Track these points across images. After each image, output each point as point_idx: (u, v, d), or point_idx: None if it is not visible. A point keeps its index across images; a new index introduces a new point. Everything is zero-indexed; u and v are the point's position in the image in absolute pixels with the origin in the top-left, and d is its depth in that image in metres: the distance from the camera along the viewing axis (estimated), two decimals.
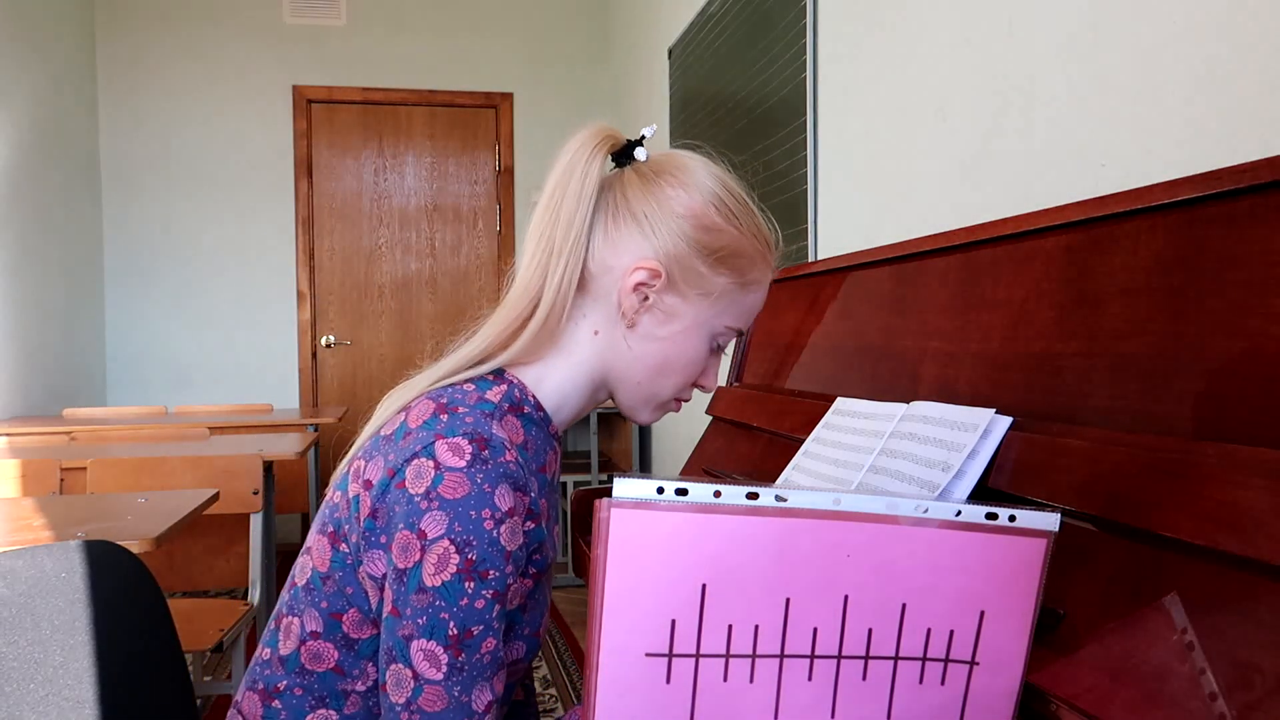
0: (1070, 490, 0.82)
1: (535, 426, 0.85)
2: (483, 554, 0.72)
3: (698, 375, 0.88)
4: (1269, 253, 0.73)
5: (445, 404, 0.79)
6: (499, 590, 0.74)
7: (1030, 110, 1.47)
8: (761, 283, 0.88)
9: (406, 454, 0.75)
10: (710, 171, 0.87)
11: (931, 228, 1.46)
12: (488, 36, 4.81)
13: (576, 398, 0.88)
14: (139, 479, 2.30)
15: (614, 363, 0.87)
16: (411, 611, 0.73)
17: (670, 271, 0.83)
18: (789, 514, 0.60)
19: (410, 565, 0.73)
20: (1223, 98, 1.12)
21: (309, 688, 0.81)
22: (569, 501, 1.82)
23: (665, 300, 0.84)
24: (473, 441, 0.75)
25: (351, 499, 0.79)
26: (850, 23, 2.12)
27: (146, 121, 4.50)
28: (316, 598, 0.81)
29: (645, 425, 0.90)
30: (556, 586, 4.05)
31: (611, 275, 0.84)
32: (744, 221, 0.86)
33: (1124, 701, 0.67)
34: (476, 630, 0.73)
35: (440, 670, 0.73)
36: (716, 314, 0.85)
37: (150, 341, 4.55)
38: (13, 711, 0.85)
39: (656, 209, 0.83)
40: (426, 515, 0.73)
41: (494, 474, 0.74)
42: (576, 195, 0.83)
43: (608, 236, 0.84)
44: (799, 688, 0.63)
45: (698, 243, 0.83)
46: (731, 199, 0.85)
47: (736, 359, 1.83)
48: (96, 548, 0.96)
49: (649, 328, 0.85)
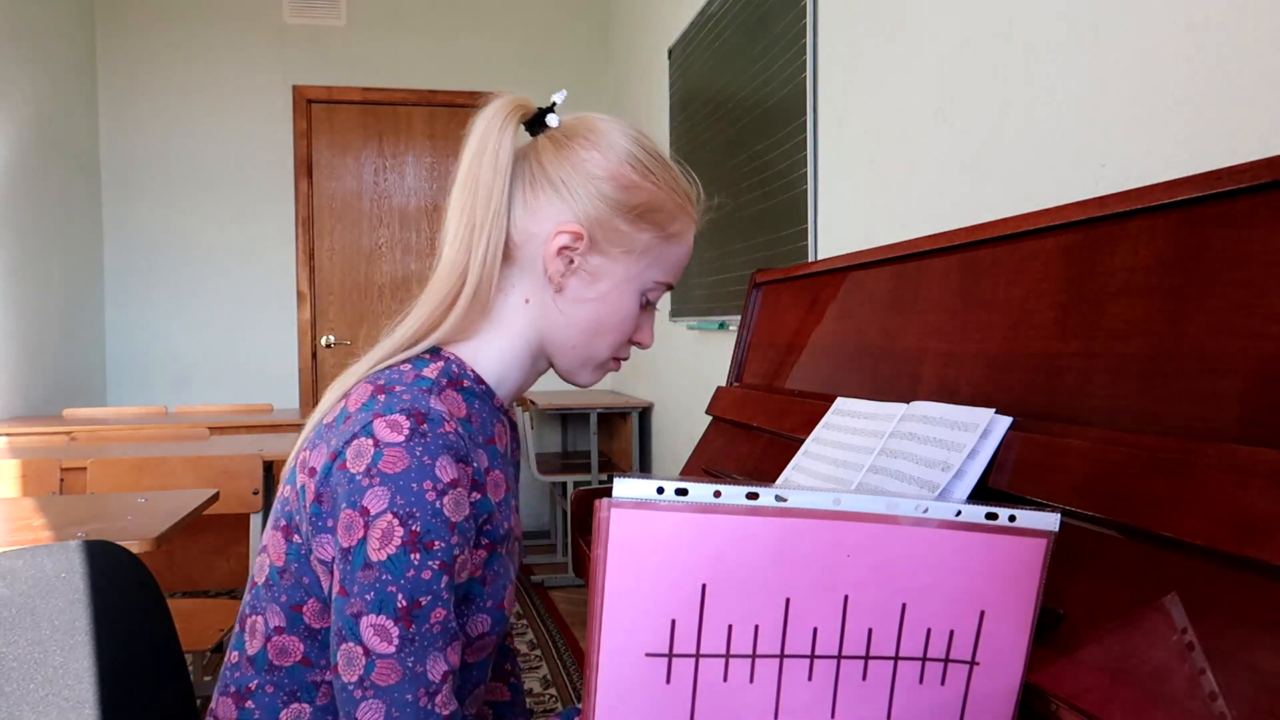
0: (1070, 490, 0.82)
1: (478, 399, 0.86)
2: (426, 525, 0.73)
3: (632, 332, 0.90)
4: (1269, 253, 0.73)
5: (382, 385, 0.80)
6: (445, 561, 0.74)
7: (1030, 110, 1.47)
8: (684, 235, 0.89)
9: (346, 436, 0.76)
10: (623, 131, 0.87)
11: (931, 228, 1.46)
12: (488, 36, 4.81)
13: (517, 368, 0.89)
14: (139, 479, 2.30)
15: (548, 329, 0.88)
16: (359, 588, 0.73)
17: (592, 233, 0.84)
18: (789, 514, 0.60)
19: (354, 543, 0.73)
20: (1223, 98, 1.12)
21: (279, 684, 0.82)
22: (569, 501, 1.82)
23: (590, 261, 0.85)
24: (410, 417, 0.75)
25: (299, 489, 0.80)
26: (850, 23, 2.12)
27: (146, 121, 4.50)
28: (276, 593, 0.81)
29: (586, 386, 0.91)
30: (556, 587, 4.04)
31: (535, 242, 0.85)
32: (660, 176, 0.87)
33: (1124, 702, 0.67)
34: (425, 601, 0.73)
35: (391, 643, 0.72)
36: (643, 269, 0.87)
37: (150, 341, 4.55)
38: (13, 711, 0.85)
39: (572, 172, 0.84)
40: (368, 492, 0.73)
41: (433, 446, 0.75)
42: (492, 167, 0.84)
43: (527, 205, 0.85)
44: (799, 688, 0.63)
45: (616, 201, 0.84)
46: (646, 155, 0.87)
47: (737, 359, 1.83)
48: (96, 548, 0.96)
49: (577, 290, 0.86)
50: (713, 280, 3.12)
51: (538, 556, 4.56)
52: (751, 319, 1.83)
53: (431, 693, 0.73)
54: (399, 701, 0.72)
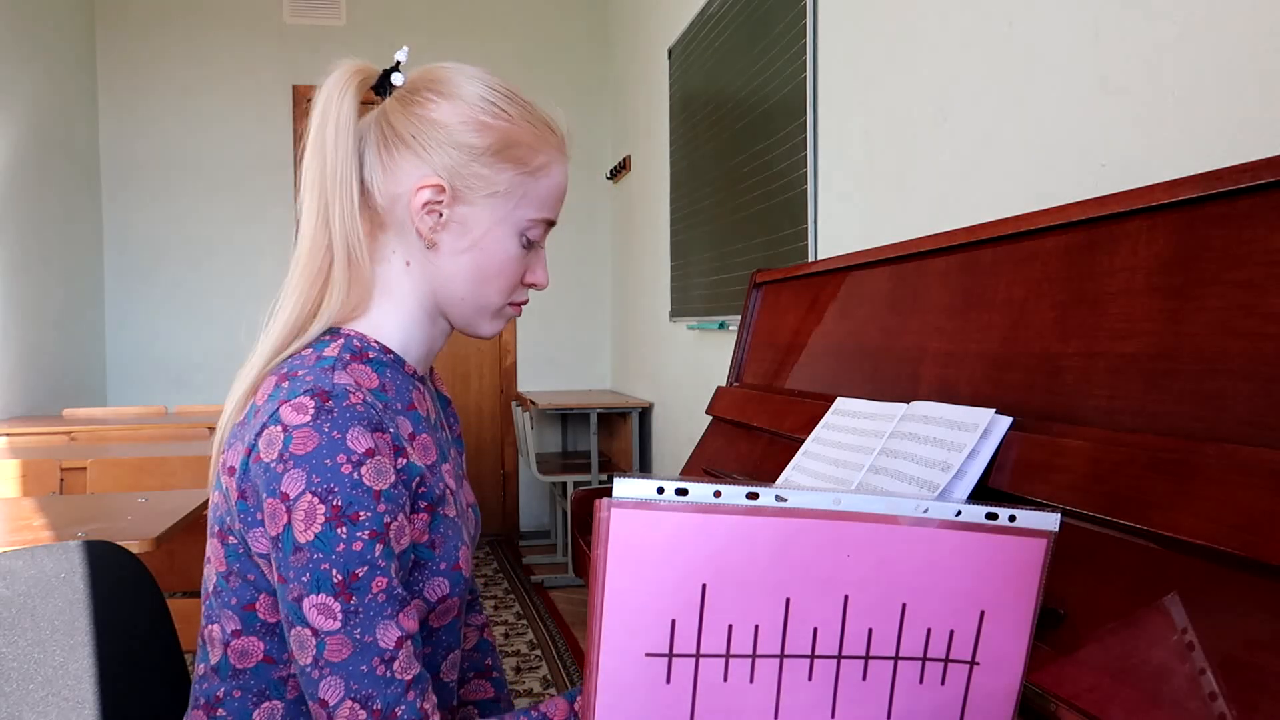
0: (1070, 490, 0.82)
1: (388, 368, 0.86)
2: (347, 498, 0.73)
3: (521, 275, 0.89)
4: (1269, 253, 0.73)
5: (285, 373, 0.80)
6: (376, 530, 0.74)
7: (1030, 110, 1.47)
8: (550, 166, 0.87)
9: (256, 428, 0.77)
10: (467, 74, 0.86)
11: (931, 228, 1.46)
12: (488, 36, 4.81)
13: (419, 332, 0.88)
14: (139, 479, 2.30)
15: (435, 287, 0.87)
16: (294, 573, 0.74)
17: (452, 183, 0.83)
18: (789, 514, 0.60)
19: (281, 530, 0.74)
20: (1223, 98, 1.12)
21: (246, 687, 0.82)
22: (569, 501, 1.82)
23: (458, 211, 0.84)
24: (314, 396, 0.76)
25: (225, 491, 0.81)
26: (850, 23, 2.12)
27: (146, 121, 4.51)
28: (226, 598, 0.82)
29: (490, 336, 0.90)
30: (556, 587, 4.04)
31: (400, 204, 0.84)
32: (513, 112, 0.85)
33: (1124, 701, 0.67)
34: (361, 572, 0.73)
35: (336, 619, 0.73)
36: (513, 209, 0.85)
37: (150, 341, 4.55)
38: (13, 711, 0.85)
39: (422, 127, 0.83)
40: (284, 477, 0.74)
41: (341, 420, 0.75)
42: (335, 137, 0.83)
43: (385, 168, 0.84)
44: (799, 688, 0.63)
45: (471, 147, 0.83)
46: (495, 94, 0.85)
47: (737, 359, 1.83)
48: (96, 548, 0.96)
49: (451, 243, 0.85)
50: (713, 280, 3.12)
51: (538, 556, 4.56)
52: (751, 319, 1.83)
53: (387, 660, 0.74)
54: (355, 674, 0.73)
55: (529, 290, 0.91)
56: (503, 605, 3.82)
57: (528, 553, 4.66)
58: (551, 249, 3.61)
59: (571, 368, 5.09)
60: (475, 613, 1.09)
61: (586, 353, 5.11)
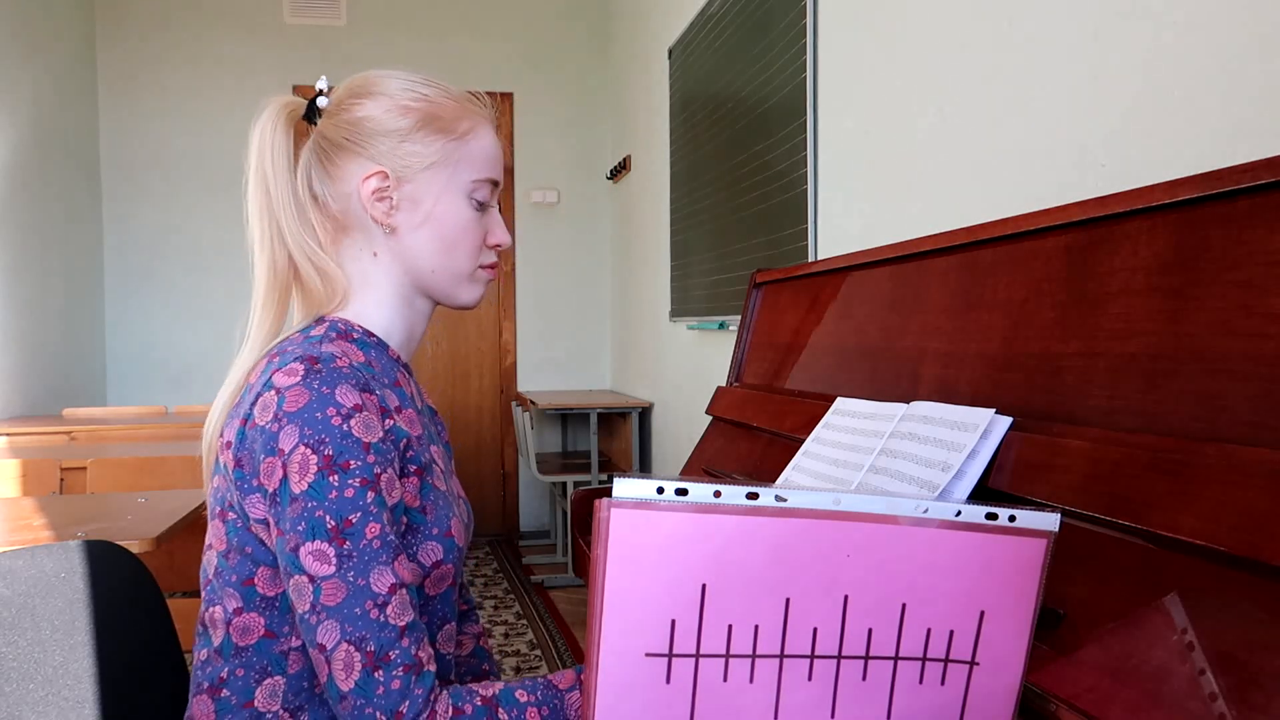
0: (1070, 490, 0.82)
1: (373, 349, 0.91)
2: (338, 447, 0.77)
3: (482, 237, 0.95)
4: (1269, 253, 0.73)
5: (275, 352, 0.86)
6: (366, 478, 0.78)
7: (1030, 110, 1.47)
8: (477, 129, 0.94)
9: (251, 399, 0.81)
10: (383, 74, 0.93)
11: (931, 228, 1.46)
12: (488, 36, 4.81)
13: (399, 317, 0.94)
14: (139, 479, 2.30)
15: (406, 267, 0.92)
16: (289, 523, 0.77)
17: (392, 167, 0.90)
18: (789, 514, 0.60)
19: (278, 484, 0.77)
20: (1223, 98, 1.12)
21: (249, 664, 0.84)
22: (569, 501, 1.82)
23: (404, 191, 0.90)
24: (303, 361, 0.81)
25: (223, 468, 0.84)
26: (850, 23, 2.12)
27: (146, 121, 4.50)
28: (226, 577, 0.84)
29: (470, 305, 0.96)
30: (556, 587, 4.05)
31: (353, 201, 0.91)
32: (430, 92, 0.92)
33: (1124, 702, 0.67)
34: (355, 518, 0.77)
35: (330, 564, 0.76)
36: (452, 173, 0.91)
37: (150, 341, 4.55)
38: (13, 711, 0.85)
39: (351, 128, 0.90)
40: (280, 435, 0.78)
41: (329, 377, 0.79)
42: (271, 161, 0.90)
43: (330, 176, 0.91)
44: (799, 688, 0.63)
45: (398, 130, 0.90)
46: (410, 82, 0.92)
47: (737, 359, 1.83)
48: (96, 548, 0.96)
49: (408, 221, 0.91)
50: (713, 280, 3.12)
51: (538, 556, 4.56)
52: (751, 319, 1.83)
53: (380, 604, 0.76)
54: (349, 616, 0.75)
55: (496, 252, 0.97)
56: (503, 605, 3.82)
57: (528, 553, 4.66)
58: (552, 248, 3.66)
59: (571, 368, 5.09)
60: (471, 622, 1.11)
61: (586, 353, 5.10)
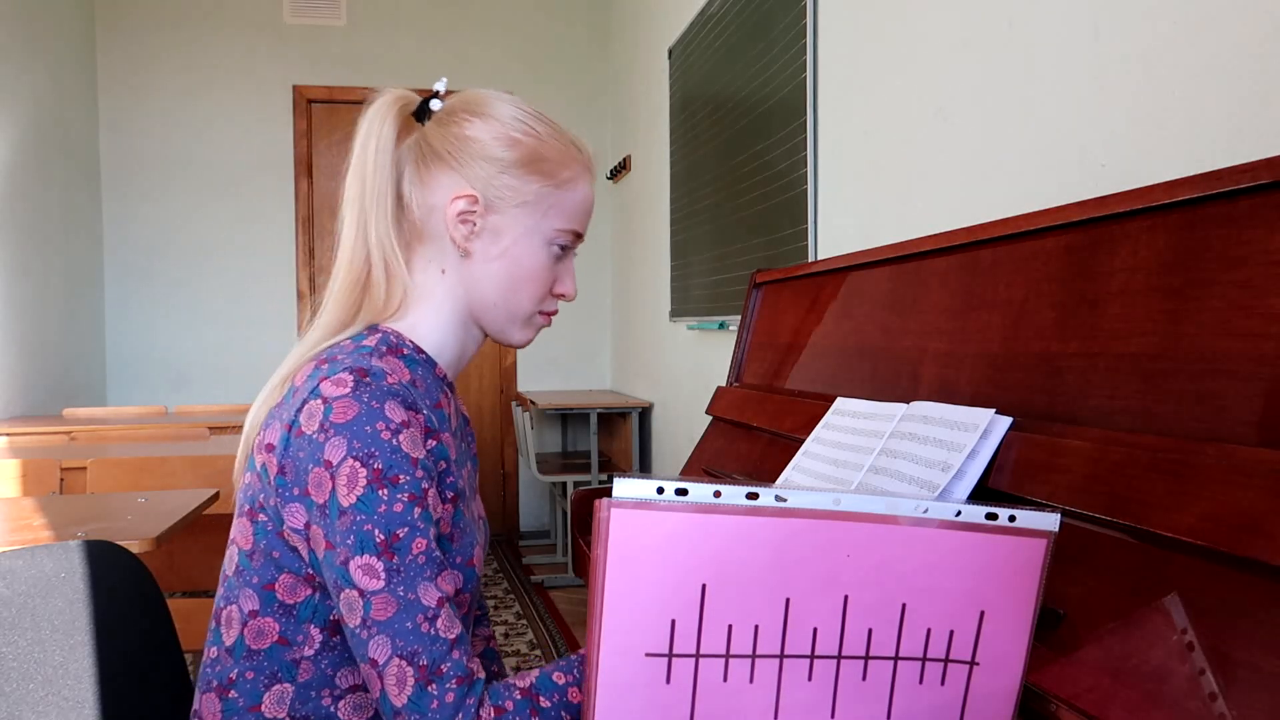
0: (1070, 490, 0.82)
1: (420, 367, 0.91)
2: (388, 461, 0.77)
3: (551, 284, 0.95)
4: (1269, 253, 0.73)
5: (325, 358, 0.85)
6: (414, 493, 0.78)
7: (1030, 110, 1.47)
8: (577, 181, 0.93)
9: (297, 405, 0.81)
10: (500, 97, 0.93)
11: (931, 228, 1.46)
12: (488, 36, 4.81)
13: (453, 338, 0.94)
14: (139, 479, 2.30)
15: (469, 293, 0.93)
16: (339, 537, 0.77)
17: (484, 194, 0.89)
18: (789, 514, 0.60)
19: (327, 496, 0.77)
20: (1223, 98, 1.12)
21: (259, 668, 0.83)
22: (569, 501, 1.82)
23: (490, 221, 0.90)
24: (353, 372, 0.80)
25: (260, 469, 0.83)
26: (850, 23, 2.12)
27: (146, 121, 4.50)
28: (247, 576, 0.84)
29: (520, 345, 0.95)
30: (556, 587, 4.05)
31: (437, 215, 0.90)
32: (541, 130, 0.92)
33: (1124, 702, 0.67)
34: (402, 532, 0.77)
35: (379, 579, 0.76)
36: (540, 218, 0.91)
37: (150, 341, 4.55)
38: (13, 711, 0.85)
39: (457, 143, 0.90)
40: (327, 445, 0.77)
41: (379, 392, 0.79)
42: (375, 156, 0.90)
43: (423, 183, 0.91)
44: (799, 688, 0.63)
45: (502, 160, 0.89)
46: (524, 114, 0.92)
47: (737, 359, 1.83)
48: (96, 548, 0.96)
49: (484, 250, 0.91)
50: (713, 280, 3.12)
51: (538, 556, 4.56)
52: (751, 319, 1.83)
53: (430, 617, 0.76)
54: (401, 631, 0.75)
55: (558, 301, 0.97)
56: (503, 605, 3.82)
57: (528, 553, 4.66)
58: None
59: (571, 368, 5.09)
60: (483, 625, 1.12)
61: (586, 353, 5.10)
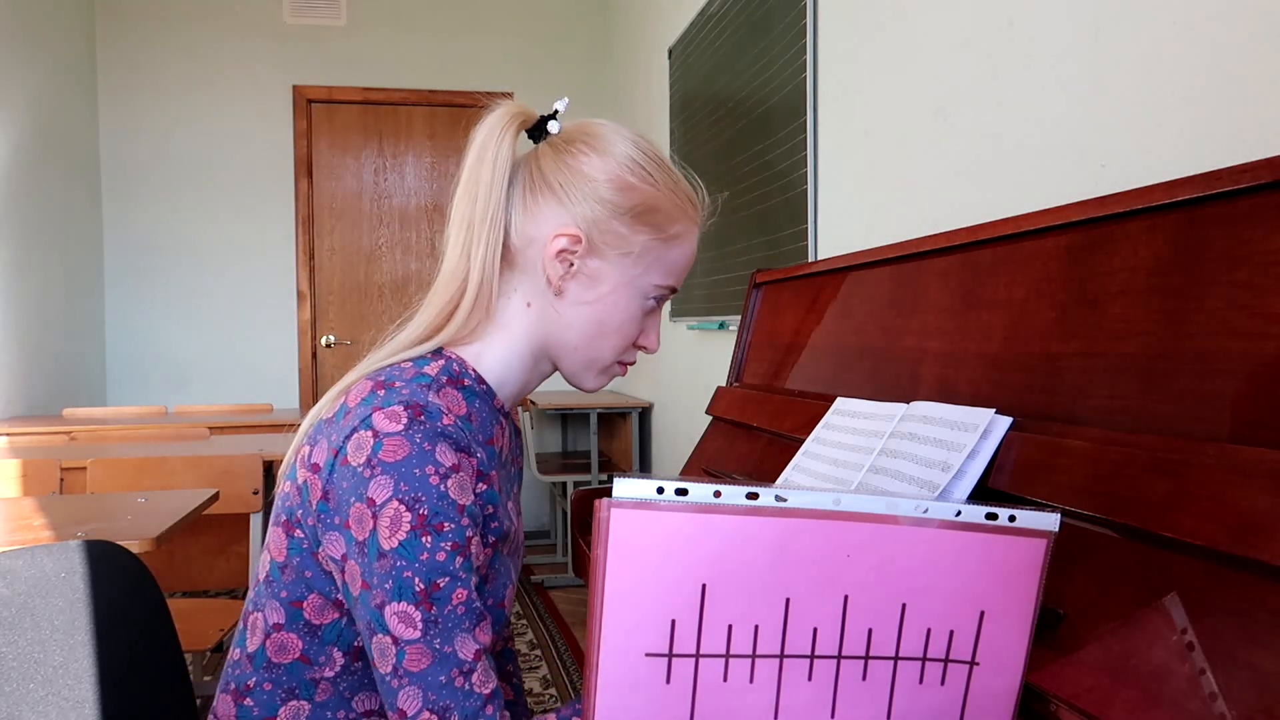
0: (1070, 490, 0.82)
1: (478, 399, 0.86)
2: (434, 508, 0.74)
3: (636, 336, 0.90)
4: (1269, 253, 0.73)
5: (382, 381, 0.81)
6: (458, 541, 0.75)
7: (1030, 110, 1.47)
8: (685, 237, 0.89)
9: (347, 431, 0.77)
10: (622, 135, 0.88)
11: (931, 228, 1.46)
12: (488, 36, 4.81)
13: (519, 371, 0.90)
14: (139, 479, 2.30)
15: (550, 332, 0.88)
16: (377, 579, 0.74)
17: (590, 235, 0.84)
18: (789, 514, 0.60)
19: (367, 535, 0.74)
20: (1223, 98, 1.12)
21: (278, 681, 0.82)
22: (569, 501, 1.82)
23: (589, 264, 0.86)
24: (408, 408, 0.76)
25: (301, 485, 0.81)
26: (850, 23, 2.12)
27: (146, 121, 4.50)
28: (276, 589, 0.82)
29: (591, 391, 0.92)
30: (556, 587, 4.05)
31: (535, 246, 0.86)
32: (659, 178, 0.87)
33: (1124, 702, 0.67)
34: (443, 582, 0.74)
35: (416, 628, 0.73)
36: (642, 272, 0.87)
37: (150, 341, 4.55)
38: (13, 711, 0.85)
39: (570, 177, 0.85)
40: (372, 482, 0.74)
41: (432, 433, 0.76)
42: (490, 175, 0.85)
43: (527, 210, 0.86)
44: (799, 688, 0.63)
45: (613, 204, 0.84)
46: (644, 158, 0.87)
47: (737, 359, 1.83)
48: (96, 548, 0.96)
49: (577, 293, 0.87)
50: (713, 280, 3.12)
51: (538, 556, 4.56)
52: (751, 319, 1.83)
53: (465, 672, 0.74)
54: (434, 684, 0.73)
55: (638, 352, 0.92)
56: None
57: (528, 552, 4.66)
58: None
59: None
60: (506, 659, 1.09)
61: None
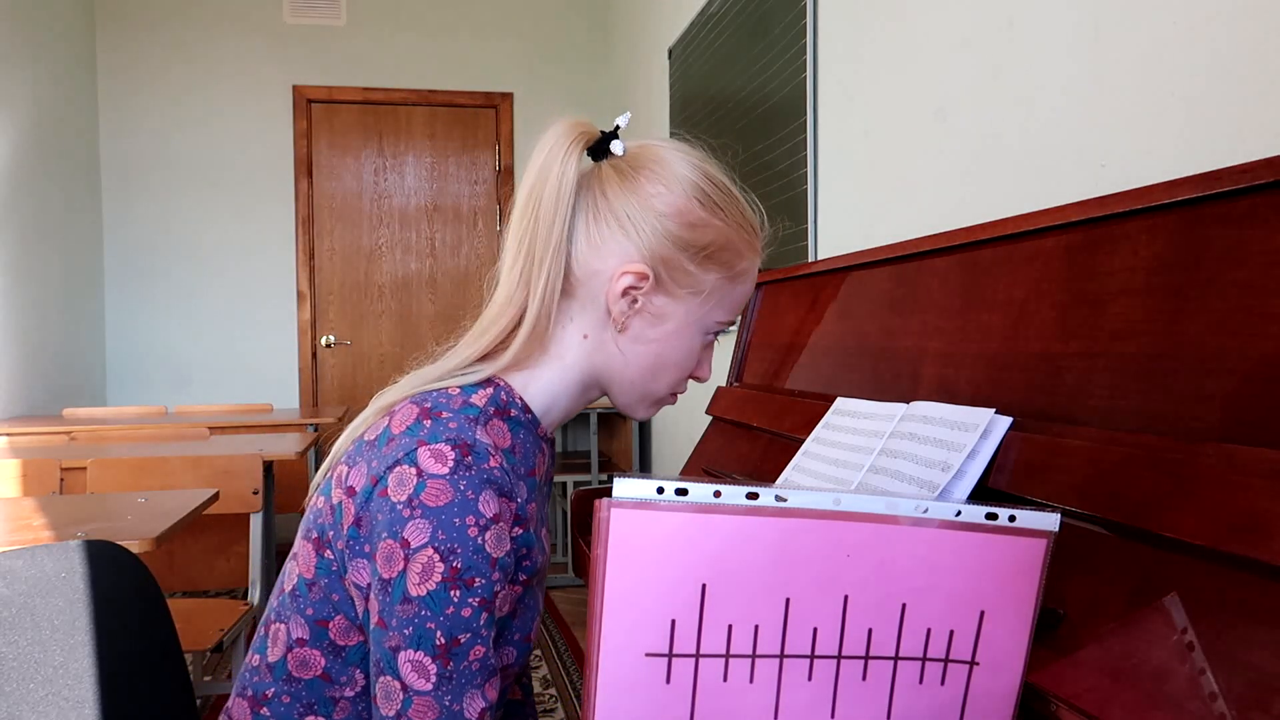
0: (1070, 490, 0.82)
1: (523, 429, 0.83)
2: (468, 562, 0.71)
3: (693, 369, 0.87)
4: (1269, 253, 0.73)
5: (429, 409, 0.77)
6: (486, 598, 0.73)
7: (1030, 110, 1.47)
8: (750, 271, 0.87)
9: (389, 461, 0.74)
10: (689, 162, 0.84)
11: (931, 228, 1.46)
12: (487, 36, 4.81)
13: (566, 399, 0.87)
14: (139, 479, 2.30)
15: (606, 365, 0.85)
16: (397, 622, 0.72)
17: (658, 272, 0.81)
18: (789, 514, 0.60)
19: (395, 575, 0.72)
20: (1223, 98, 1.12)
21: (296, 695, 0.81)
22: (569, 501, 1.82)
23: (654, 302, 0.82)
24: (456, 448, 0.73)
25: (335, 505, 0.78)
26: (850, 23, 2.12)
27: (146, 121, 4.50)
28: (302, 604, 0.80)
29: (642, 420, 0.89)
30: (556, 587, 4.04)
31: (598, 279, 0.82)
32: (729, 211, 0.84)
33: (1124, 702, 0.67)
34: (464, 639, 0.72)
35: (429, 680, 0.71)
36: (708, 310, 0.84)
37: (150, 341, 4.55)
38: (13, 711, 0.85)
39: (638, 208, 0.81)
40: (409, 524, 0.71)
41: (477, 480, 0.73)
42: (554, 198, 0.80)
43: (590, 239, 0.82)
44: (799, 688, 0.63)
45: (683, 241, 0.81)
46: (713, 188, 0.83)
47: (737, 359, 1.83)
48: (96, 548, 0.96)
49: (640, 330, 0.83)
50: None
51: None
52: (751, 319, 1.83)
53: None
54: None
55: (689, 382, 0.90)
56: None
57: None
58: None
59: None
60: None
61: None
